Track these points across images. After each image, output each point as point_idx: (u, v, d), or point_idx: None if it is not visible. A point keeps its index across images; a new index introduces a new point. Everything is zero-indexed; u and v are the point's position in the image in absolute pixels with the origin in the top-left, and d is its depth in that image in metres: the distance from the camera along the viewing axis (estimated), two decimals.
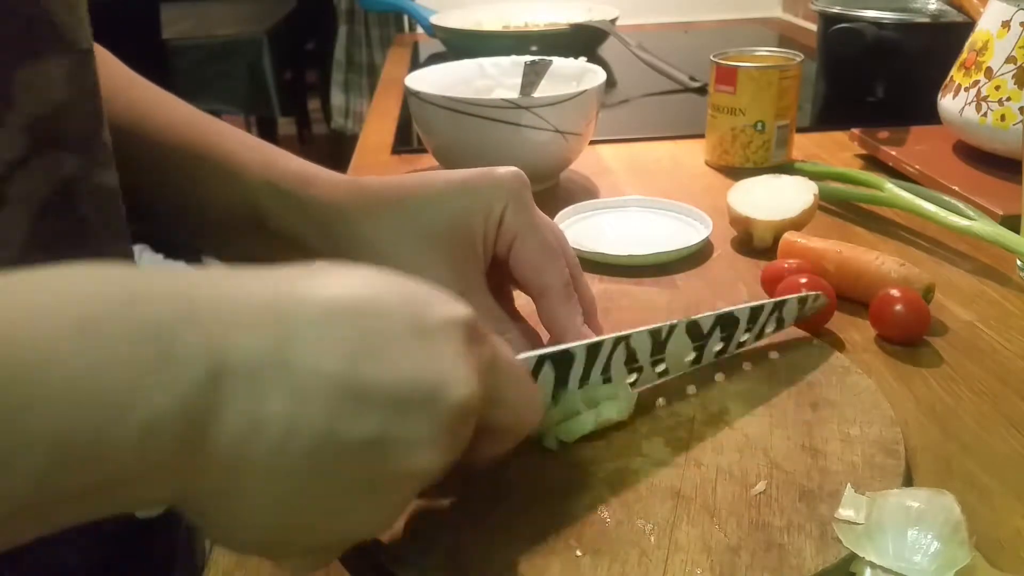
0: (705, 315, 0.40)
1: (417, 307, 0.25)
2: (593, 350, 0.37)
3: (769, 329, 0.44)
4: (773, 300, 0.43)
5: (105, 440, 0.20)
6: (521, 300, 0.43)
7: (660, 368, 0.40)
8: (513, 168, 0.40)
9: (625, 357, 0.38)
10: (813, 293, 0.46)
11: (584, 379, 0.37)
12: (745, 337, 0.43)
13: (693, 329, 0.40)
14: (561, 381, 0.36)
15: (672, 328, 0.39)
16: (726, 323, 0.41)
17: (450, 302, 0.27)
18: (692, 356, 0.41)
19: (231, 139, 0.44)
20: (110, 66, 0.47)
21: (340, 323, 0.24)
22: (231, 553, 0.34)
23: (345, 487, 0.23)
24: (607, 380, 0.38)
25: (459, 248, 0.39)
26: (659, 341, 0.39)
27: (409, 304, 0.25)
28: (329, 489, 0.23)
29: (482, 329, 0.27)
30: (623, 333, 0.38)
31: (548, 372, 0.35)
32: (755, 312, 0.42)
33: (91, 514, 0.21)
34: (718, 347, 0.42)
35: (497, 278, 0.41)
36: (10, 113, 0.31)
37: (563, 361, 0.36)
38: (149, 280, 0.22)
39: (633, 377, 0.39)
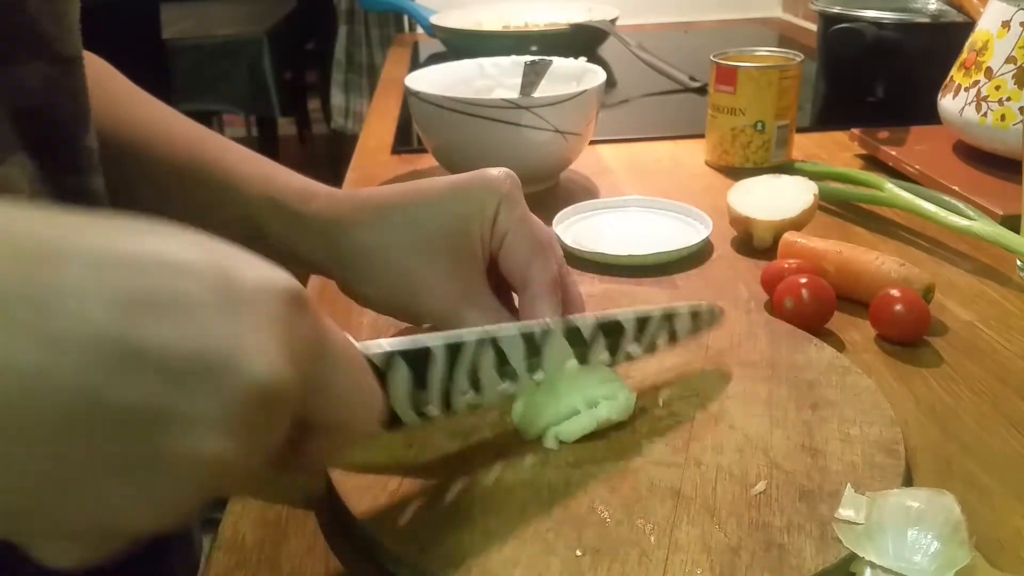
0: (586, 319, 0.37)
1: (227, 270, 0.22)
2: (453, 350, 0.33)
3: (660, 341, 0.40)
4: (663, 309, 0.40)
5: None
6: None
7: (538, 376, 0.36)
8: (504, 169, 0.41)
9: (495, 361, 0.34)
10: (707, 305, 0.42)
11: (448, 381, 0.33)
12: (633, 348, 0.39)
13: (573, 335, 0.37)
14: (419, 382, 0.33)
15: (546, 332, 0.36)
16: (610, 330, 0.38)
17: (272, 271, 0.23)
18: (574, 364, 0.37)
19: (232, 155, 0.45)
20: (114, 80, 0.48)
21: (123, 271, 0.20)
22: (230, 552, 0.35)
23: (101, 461, 0.19)
24: (476, 387, 0.34)
25: (459, 251, 0.40)
26: (533, 344, 0.35)
27: (218, 265, 0.22)
28: (81, 461, 0.19)
29: (310, 307, 0.24)
30: (489, 330, 0.34)
31: (403, 370, 0.32)
32: (642, 322, 0.39)
33: None
34: (603, 356, 0.38)
35: (498, 278, 0.41)
36: None
37: (418, 359, 0.32)
38: None
39: (507, 385, 0.35)
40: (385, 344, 0.32)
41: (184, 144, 0.45)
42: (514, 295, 0.44)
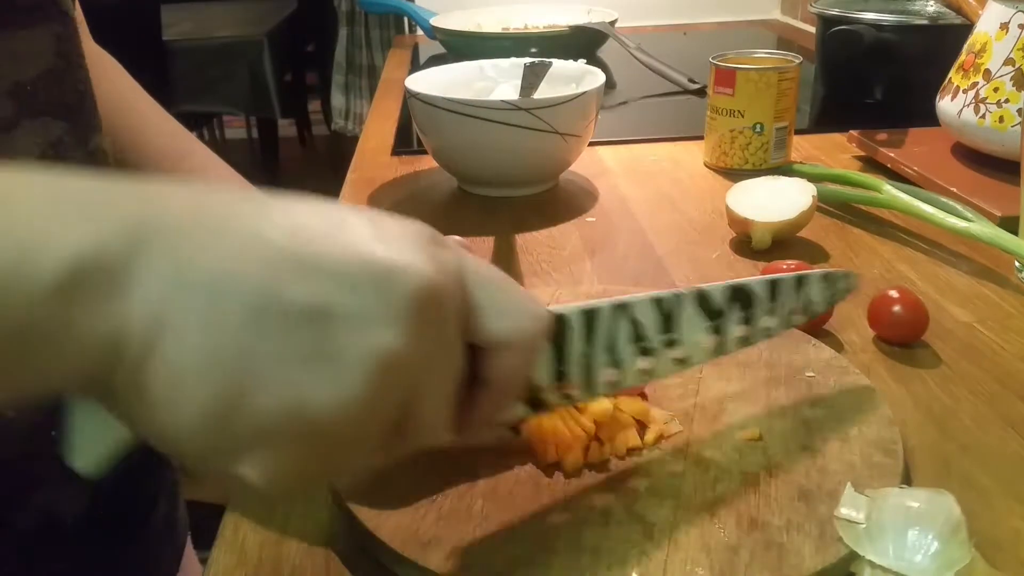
0: (716, 285, 0.36)
1: (375, 216, 0.25)
2: (590, 317, 0.32)
3: (796, 315, 0.38)
4: (793, 275, 0.38)
5: (17, 287, 0.19)
6: None
7: (676, 353, 0.35)
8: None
9: (632, 332, 0.34)
10: (841, 272, 0.40)
11: (587, 356, 0.33)
12: (769, 321, 0.37)
13: (703, 301, 0.35)
14: (559, 354, 0.32)
15: (679, 297, 0.34)
16: (742, 299, 0.36)
17: (409, 220, 0.26)
18: (711, 340, 0.36)
19: (211, 175, 0.46)
20: (119, 80, 0.48)
21: (287, 212, 0.24)
22: (231, 552, 0.35)
23: (291, 353, 0.22)
24: (615, 362, 0.33)
25: None
26: (667, 313, 0.34)
27: (368, 215, 0.25)
28: (272, 352, 0.22)
29: (447, 241, 0.27)
30: (622, 300, 0.33)
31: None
32: (774, 286, 0.37)
33: (14, 383, 0.21)
34: (740, 332, 0.37)
35: None
36: None
37: (556, 328, 0.32)
38: (79, 171, 0.22)
39: (648, 362, 0.34)
40: None
41: (168, 164, 0.46)
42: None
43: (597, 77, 0.72)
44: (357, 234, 0.24)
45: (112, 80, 0.47)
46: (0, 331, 0.20)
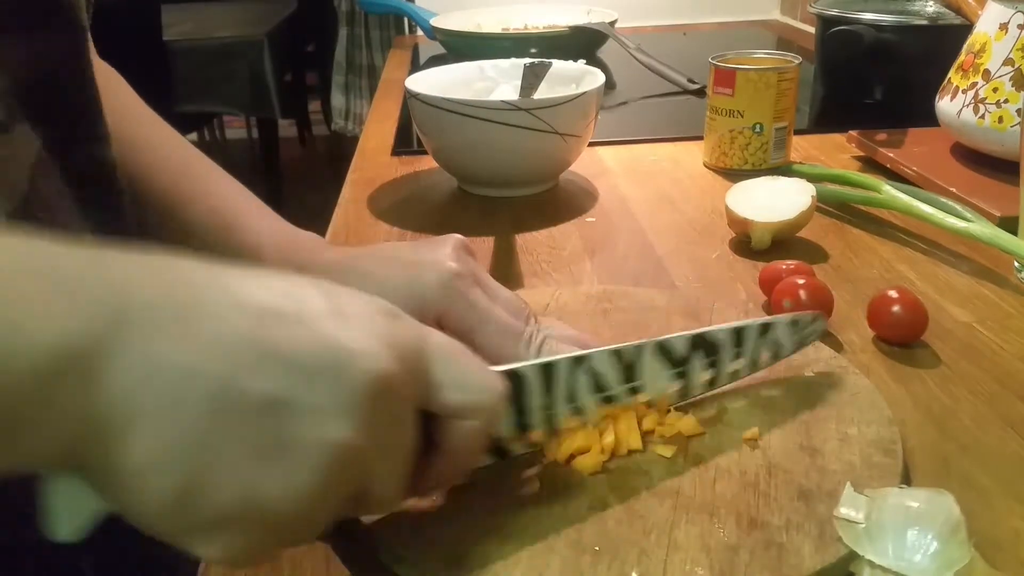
0: (677, 336, 0.37)
1: (335, 296, 0.26)
2: (547, 371, 0.34)
3: (764, 357, 0.40)
4: (759, 321, 0.40)
5: (3, 362, 0.20)
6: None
7: (641, 398, 0.37)
8: (451, 248, 0.39)
9: (591, 384, 0.35)
10: (809, 315, 0.42)
11: (547, 408, 0.34)
12: (736, 365, 0.39)
13: (664, 352, 0.36)
14: (519, 408, 0.34)
15: (638, 348, 0.36)
16: (706, 348, 0.37)
17: (372, 298, 0.27)
18: (676, 385, 0.38)
19: (212, 193, 0.47)
20: (123, 95, 0.49)
21: (253, 292, 0.25)
22: None
23: (249, 445, 0.23)
24: (576, 409, 0.35)
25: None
26: (626, 364, 0.36)
27: (329, 293, 0.26)
28: (230, 446, 0.23)
29: (405, 316, 0.28)
30: (579, 353, 0.35)
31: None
32: (738, 334, 0.38)
33: None
34: (706, 376, 0.39)
35: None
36: None
37: (513, 383, 0.32)
38: (61, 243, 0.23)
39: (611, 409, 0.36)
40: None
41: (170, 176, 0.47)
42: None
43: (597, 77, 0.72)
44: (316, 319, 0.25)
45: (117, 94, 0.48)
46: None
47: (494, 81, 0.78)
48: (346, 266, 0.42)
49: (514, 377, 0.33)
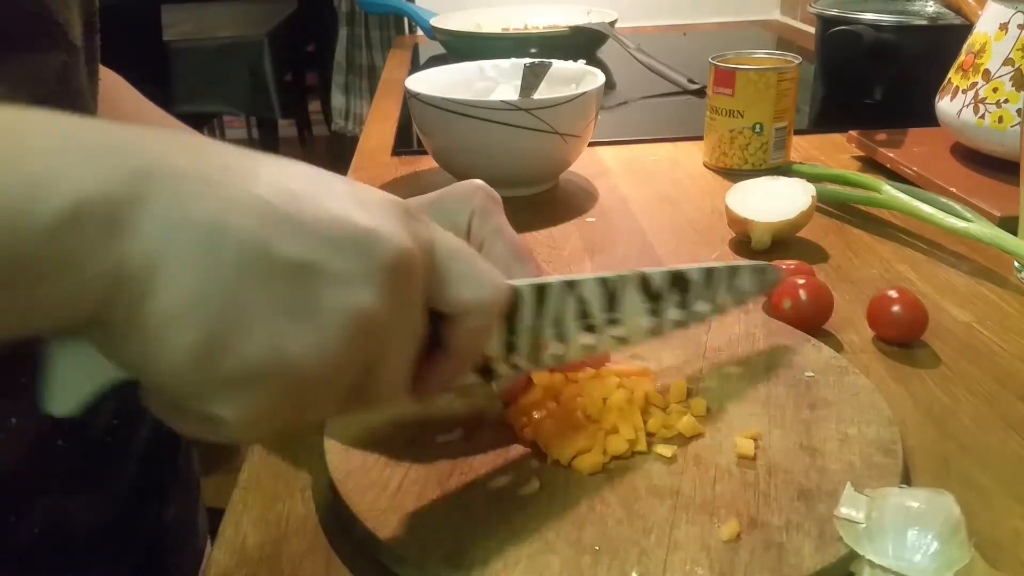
0: (657, 269, 0.38)
1: (358, 186, 0.28)
2: (541, 291, 0.34)
3: (727, 301, 0.41)
4: (727, 265, 0.41)
5: (24, 223, 0.20)
6: None
7: (617, 332, 0.37)
8: (478, 181, 0.42)
9: (577, 310, 0.36)
10: (767, 264, 0.43)
11: (535, 330, 0.35)
12: (702, 306, 0.40)
13: (644, 285, 0.37)
14: (509, 325, 0.34)
15: (623, 280, 0.37)
16: (679, 284, 0.39)
17: (394, 197, 0.29)
18: (649, 322, 0.38)
19: None
20: (121, 94, 0.50)
21: (282, 174, 0.25)
22: (231, 552, 0.35)
23: (276, 304, 0.24)
24: (559, 336, 0.36)
25: None
26: (611, 294, 0.36)
27: (353, 184, 0.28)
28: (258, 301, 0.23)
29: (422, 216, 0.29)
30: (571, 277, 0.36)
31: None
32: (709, 274, 0.40)
33: (12, 318, 0.22)
34: (676, 315, 0.39)
35: None
36: None
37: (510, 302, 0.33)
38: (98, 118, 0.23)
39: (591, 339, 0.37)
40: None
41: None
42: None
43: (597, 77, 0.72)
44: (342, 200, 0.26)
45: (124, 98, 0.49)
46: (8, 260, 0.21)
47: (494, 81, 0.78)
48: None
49: (512, 293, 0.33)
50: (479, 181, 0.42)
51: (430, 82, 0.73)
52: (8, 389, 0.35)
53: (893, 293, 0.48)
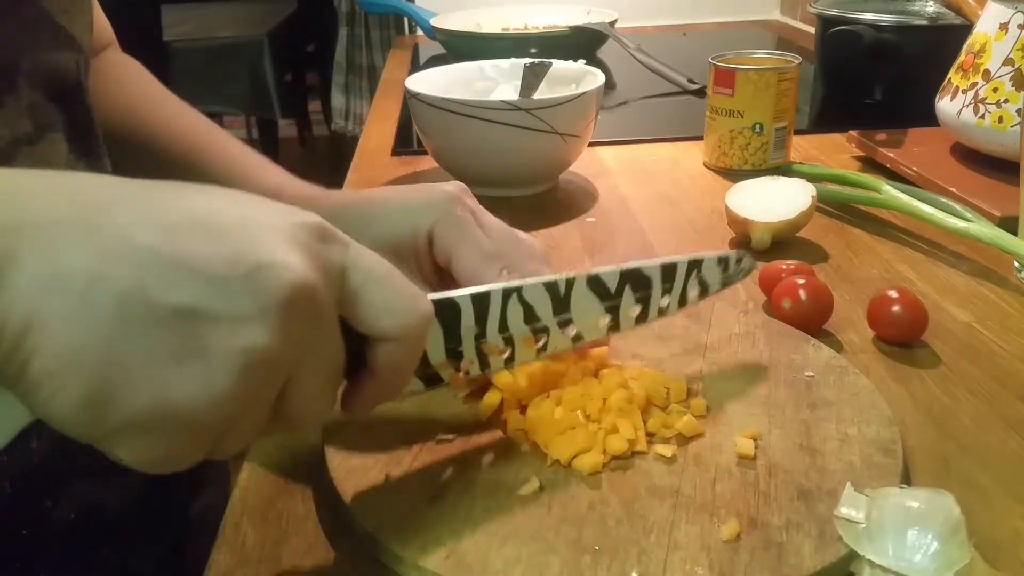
0: (608, 269, 0.38)
1: (259, 210, 0.26)
2: (480, 300, 0.34)
3: (692, 294, 0.40)
4: (688, 258, 0.40)
5: None
6: None
7: (571, 332, 0.37)
8: (451, 184, 0.42)
9: (523, 314, 0.35)
10: (735, 253, 0.42)
11: (480, 336, 0.35)
12: (665, 301, 0.40)
13: (596, 285, 0.37)
14: (452, 335, 0.34)
15: (570, 282, 0.36)
16: (636, 282, 0.38)
17: (300, 211, 0.27)
18: (606, 320, 0.38)
19: (224, 153, 0.49)
20: (142, 76, 0.52)
21: (166, 209, 0.24)
22: (231, 552, 0.35)
23: (157, 352, 0.23)
24: (507, 340, 0.35)
25: (402, 261, 0.41)
26: (558, 296, 0.36)
27: (248, 204, 0.26)
28: (138, 350, 0.23)
29: (335, 235, 0.28)
30: (512, 284, 0.35)
31: (433, 323, 0.33)
32: (668, 271, 0.39)
33: None
34: (635, 311, 0.39)
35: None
36: (11, 96, 0.34)
37: (445, 310, 0.33)
38: None
39: (541, 341, 0.37)
40: None
41: (186, 143, 0.49)
42: None
43: (597, 77, 0.72)
44: (237, 233, 0.25)
45: (139, 83, 0.52)
46: None
47: (494, 81, 0.78)
48: (353, 201, 0.44)
49: (447, 304, 0.33)
50: (452, 184, 0.42)
51: (430, 82, 0.73)
52: None
53: (893, 293, 0.48)
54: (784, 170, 0.72)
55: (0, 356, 0.22)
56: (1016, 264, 0.56)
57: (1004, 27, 0.67)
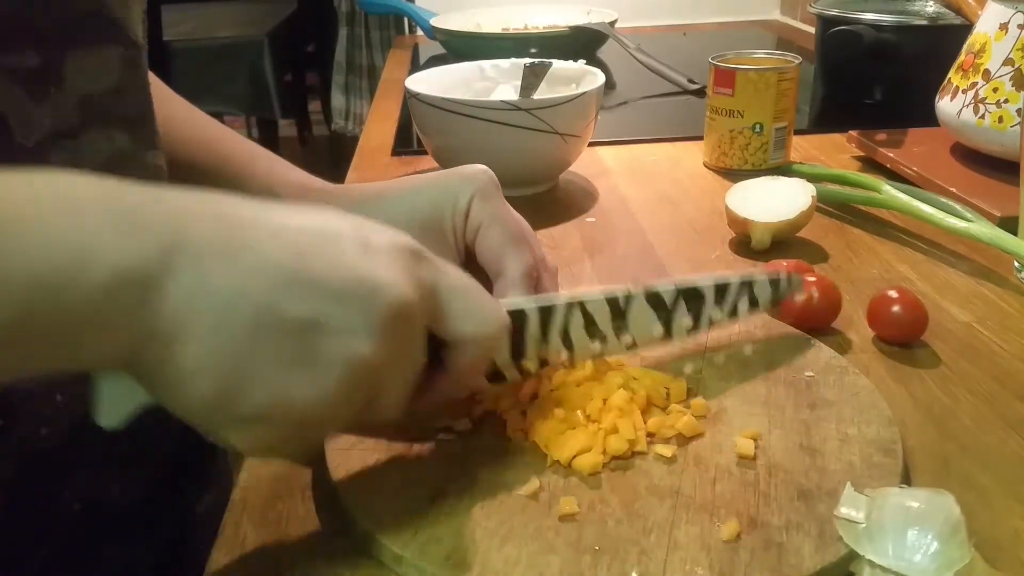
0: (665, 285, 0.40)
1: (365, 232, 0.30)
2: (546, 311, 0.37)
3: (743, 308, 0.43)
4: (740, 277, 0.42)
5: (73, 286, 0.24)
6: None
7: (627, 339, 0.40)
8: (481, 166, 0.44)
9: (583, 324, 0.38)
10: (786, 274, 0.45)
11: (543, 342, 0.38)
12: (716, 314, 0.42)
13: (654, 299, 0.40)
14: (518, 339, 0.37)
15: (629, 297, 0.39)
16: (690, 297, 0.41)
17: (397, 234, 0.31)
18: (660, 330, 0.40)
19: (243, 152, 0.51)
20: (172, 100, 0.53)
21: (293, 232, 0.28)
22: (231, 552, 0.35)
23: (283, 358, 0.27)
24: (568, 346, 0.38)
25: (433, 240, 0.42)
26: (618, 309, 0.39)
27: (359, 229, 0.30)
28: (267, 356, 0.27)
29: (426, 255, 0.32)
30: (577, 296, 0.38)
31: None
32: (721, 288, 0.42)
33: (61, 359, 0.26)
34: (687, 323, 0.41)
35: (477, 268, 0.42)
36: (59, 91, 0.35)
37: (515, 318, 0.36)
38: (131, 183, 0.27)
39: (597, 346, 0.39)
40: None
41: (201, 142, 0.50)
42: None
43: (597, 77, 0.72)
44: (348, 252, 0.29)
45: (175, 106, 0.53)
46: (61, 317, 0.24)
47: (494, 81, 0.78)
48: (385, 187, 0.46)
49: (517, 314, 0.36)
50: (482, 166, 0.44)
51: (430, 82, 0.73)
52: None
53: (893, 293, 0.48)
54: (784, 170, 0.72)
55: (151, 355, 0.26)
56: (1016, 264, 0.56)
57: (1004, 27, 0.67)
